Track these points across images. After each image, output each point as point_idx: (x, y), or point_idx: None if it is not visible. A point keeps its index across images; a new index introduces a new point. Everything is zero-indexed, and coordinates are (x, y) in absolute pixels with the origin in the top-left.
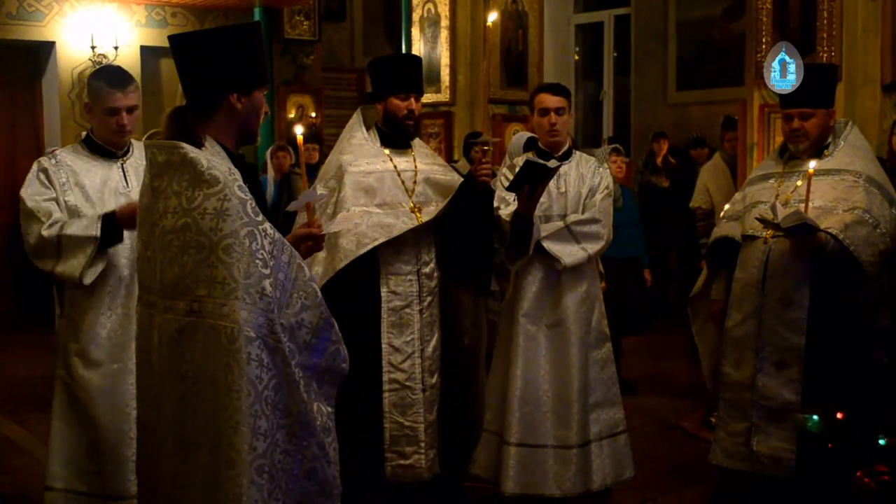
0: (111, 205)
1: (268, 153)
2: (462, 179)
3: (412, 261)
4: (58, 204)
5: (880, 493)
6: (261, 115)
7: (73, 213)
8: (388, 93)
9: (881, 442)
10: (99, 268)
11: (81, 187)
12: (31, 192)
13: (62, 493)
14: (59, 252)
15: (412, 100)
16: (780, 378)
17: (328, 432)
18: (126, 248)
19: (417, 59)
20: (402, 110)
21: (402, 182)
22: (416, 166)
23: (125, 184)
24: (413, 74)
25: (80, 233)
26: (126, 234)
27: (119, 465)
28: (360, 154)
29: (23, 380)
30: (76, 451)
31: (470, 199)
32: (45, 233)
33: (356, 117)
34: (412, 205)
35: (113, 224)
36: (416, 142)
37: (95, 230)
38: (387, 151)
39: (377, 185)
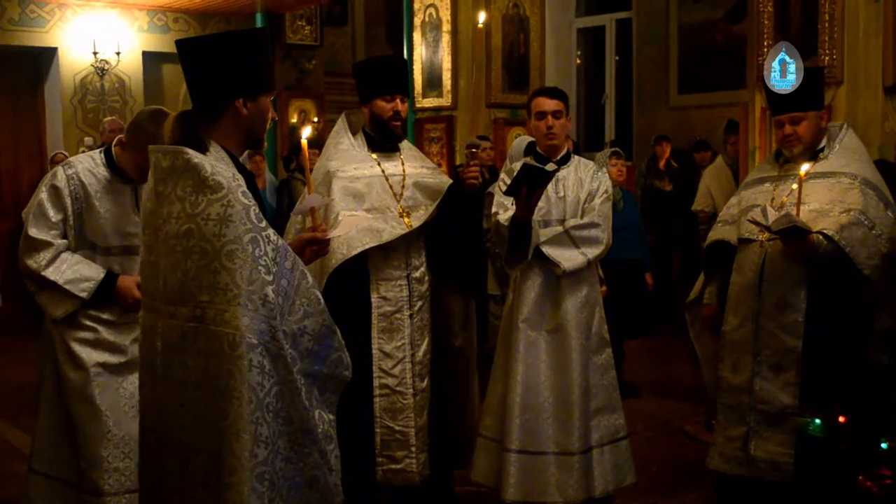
0: (118, 228)
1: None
2: (450, 182)
3: (402, 266)
4: (66, 223)
5: (882, 497)
6: (267, 121)
7: (78, 232)
8: (373, 95)
9: (883, 445)
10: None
11: (90, 206)
12: (40, 213)
13: (42, 477)
14: (46, 288)
15: (398, 101)
16: (777, 381)
17: (330, 440)
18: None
19: (402, 60)
20: (387, 112)
21: (391, 187)
22: (404, 170)
23: (136, 208)
24: (397, 75)
25: (73, 290)
26: (120, 259)
27: (94, 464)
28: (347, 160)
29: (26, 384)
30: (56, 442)
31: (458, 202)
32: (45, 273)
33: (341, 123)
34: (401, 209)
35: (110, 289)
36: (405, 144)
37: (87, 293)
38: (374, 156)
39: (365, 191)
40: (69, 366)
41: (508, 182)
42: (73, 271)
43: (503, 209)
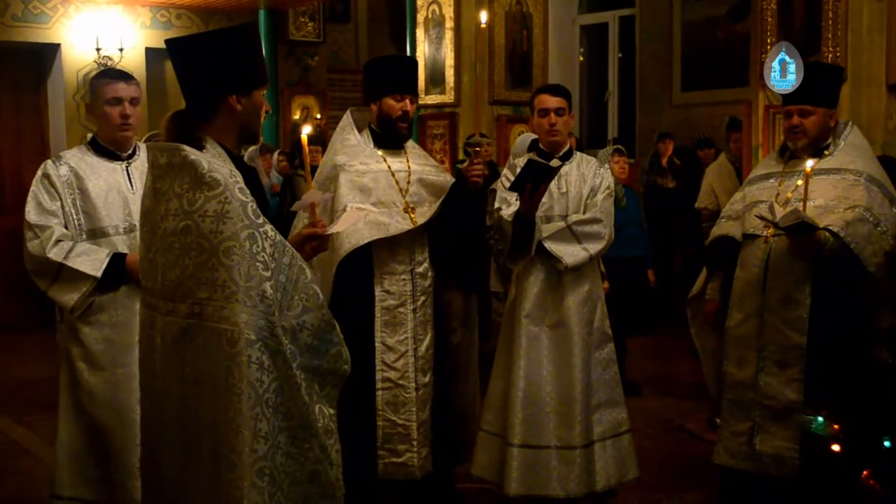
0: (116, 207)
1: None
2: (454, 180)
3: (406, 260)
4: (63, 211)
5: (885, 495)
6: (262, 115)
7: (77, 219)
8: (383, 93)
9: (887, 443)
10: (91, 299)
11: (84, 191)
12: (36, 203)
13: (69, 502)
14: (57, 278)
15: (407, 101)
16: (782, 377)
17: (330, 434)
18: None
19: (413, 61)
20: (396, 111)
21: (396, 182)
22: (409, 167)
23: (130, 186)
24: (409, 76)
25: (83, 269)
26: (124, 238)
27: (127, 473)
28: (354, 154)
29: (28, 382)
30: (83, 458)
31: (462, 199)
32: (50, 255)
33: (347, 119)
34: (405, 204)
35: (120, 267)
36: (409, 143)
37: (98, 271)
38: (380, 152)
39: (372, 185)
40: (89, 370)
41: (512, 178)
42: (80, 251)
43: (506, 205)
